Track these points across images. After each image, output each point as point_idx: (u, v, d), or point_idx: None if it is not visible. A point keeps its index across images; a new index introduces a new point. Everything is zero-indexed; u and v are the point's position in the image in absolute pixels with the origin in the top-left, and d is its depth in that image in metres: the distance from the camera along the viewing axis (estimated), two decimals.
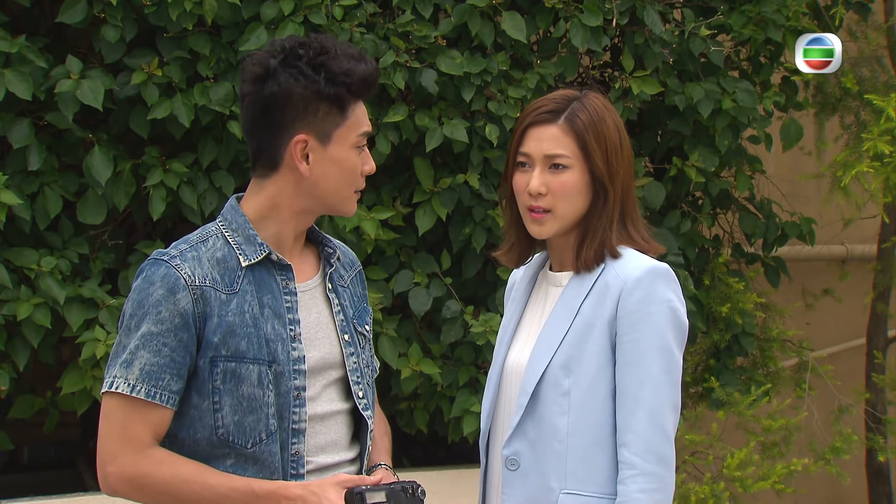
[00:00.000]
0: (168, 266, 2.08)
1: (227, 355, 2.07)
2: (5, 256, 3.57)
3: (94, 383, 3.62)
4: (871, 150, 4.51)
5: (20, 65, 3.54)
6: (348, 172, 2.15)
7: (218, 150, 3.81)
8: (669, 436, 2.18)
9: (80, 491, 3.93)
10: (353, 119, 2.14)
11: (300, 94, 2.11)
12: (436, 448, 4.60)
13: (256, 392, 2.08)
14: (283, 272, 2.16)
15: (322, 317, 2.21)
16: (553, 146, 2.25)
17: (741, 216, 4.81)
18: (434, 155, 4.12)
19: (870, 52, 5.32)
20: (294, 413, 2.12)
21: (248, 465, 2.09)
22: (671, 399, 2.19)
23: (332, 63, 2.12)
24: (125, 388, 2.05)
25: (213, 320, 2.07)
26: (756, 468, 4.49)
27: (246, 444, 2.08)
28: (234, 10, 3.75)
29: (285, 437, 2.11)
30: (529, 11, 4.20)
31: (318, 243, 2.28)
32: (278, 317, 2.13)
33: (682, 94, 4.29)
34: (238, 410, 2.08)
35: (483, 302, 4.22)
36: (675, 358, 2.20)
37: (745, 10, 4.40)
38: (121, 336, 2.10)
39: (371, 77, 2.15)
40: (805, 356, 5.15)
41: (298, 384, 2.12)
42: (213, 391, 2.08)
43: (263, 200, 2.17)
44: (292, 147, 2.12)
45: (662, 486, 2.15)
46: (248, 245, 2.13)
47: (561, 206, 2.25)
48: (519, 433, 2.24)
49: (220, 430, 2.08)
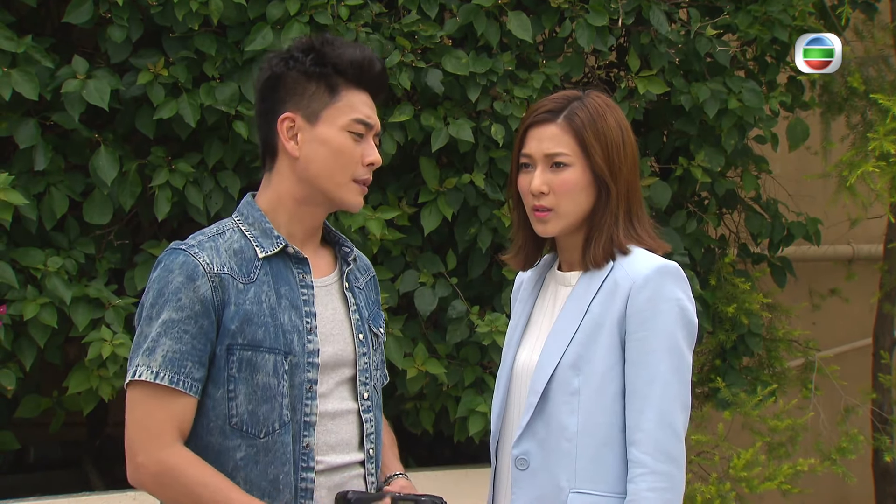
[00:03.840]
0: (186, 254, 2.08)
1: (244, 343, 2.07)
2: (12, 256, 3.57)
3: (100, 383, 3.62)
4: (877, 149, 4.50)
5: (26, 65, 3.55)
6: (338, 154, 2.13)
7: (224, 150, 3.81)
8: (679, 434, 2.17)
9: (87, 491, 3.94)
10: (346, 103, 2.14)
11: (288, 74, 2.15)
12: (441, 448, 4.60)
13: (272, 381, 2.08)
14: (300, 266, 2.17)
15: (338, 313, 2.22)
16: (552, 145, 2.25)
17: (747, 216, 4.80)
18: (440, 155, 4.12)
19: (876, 52, 5.32)
20: (306, 406, 2.12)
21: (259, 456, 2.07)
22: (681, 397, 2.19)
23: (325, 48, 2.15)
24: (148, 376, 2.04)
25: (230, 308, 2.07)
26: (762, 468, 4.48)
27: (259, 433, 2.07)
28: (240, 10, 3.75)
29: (297, 430, 2.10)
30: (535, 11, 4.20)
31: (334, 243, 2.29)
32: (295, 308, 2.13)
33: (688, 94, 4.29)
34: (252, 399, 2.07)
35: (489, 302, 4.22)
36: (684, 356, 2.20)
37: (752, 10, 4.40)
38: (141, 326, 2.09)
39: (364, 63, 2.14)
40: (811, 356, 5.14)
41: (311, 377, 2.12)
42: (229, 379, 2.07)
43: (271, 193, 2.19)
44: (279, 126, 2.14)
45: (672, 485, 2.15)
46: (265, 238, 2.14)
47: (564, 204, 2.25)
48: (528, 433, 2.24)
49: (234, 420, 2.07)
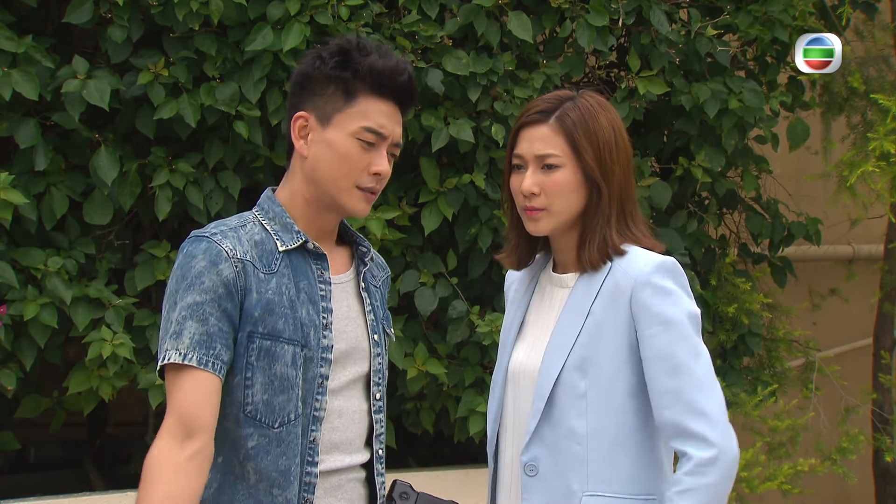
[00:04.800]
0: (209, 241, 2.08)
1: (264, 332, 2.07)
2: (12, 256, 3.57)
3: (100, 383, 3.62)
4: (877, 149, 4.50)
5: (27, 65, 3.55)
6: (343, 159, 2.12)
7: (224, 151, 3.81)
8: (713, 418, 2.15)
9: (87, 491, 3.94)
10: (359, 109, 2.13)
11: (312, 74, 2.15)
12: (442, 448, 4.60)
13: (289, 372, 2.07)
14: (319, 262, 2.17)
15: (352, 311, 2.22)
16: (543, 146, 2.25)
17: (748, 216, 4.80)
18: (440, 155, 4.12)
19: (876, 52, 5.31)
20: (317, 400, 2.12)
21: (271, 446, 2.06)
22: (706, 382, 2.17)
23: (353, 53, 2.13)
24: (177, 358, 2.02)
25: (252, 295, 2.07)
26: (762, 468, 4.48)
27: (273, 423, 2.07)
28: (241, 10, 3.75)
29: (306, 424, 2.10)
30: (535, 11, 4.19)
31: (352, 243, 2.29)
32: (313, 303, 2.13)
33: (689, 94, 4.28)
34: (269, 389, 2.06)
35: (489, 302, 4.22)
36: (698, 343, 2.19)
37: (752, 10, 4.40)
38: (167, 312, 2.08)
39: (385, 72, 2.12)
40: (811, 356, 5.14)
41: (324, 372, 2.12)
42: (247, 367, 2.06)
43: (287, 190, 2.20)
44: (292, 123, 2.15)
45: (715, 469, 2.13)
46: (286, 232, 2.15)
47: (555, 204, 2.25)
48: (536, 438, 2.23)
49: (249, 408, 2.06)
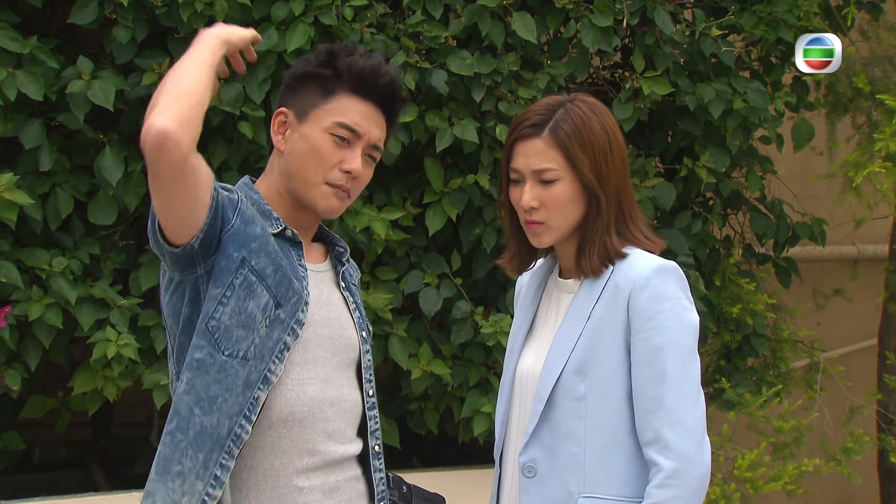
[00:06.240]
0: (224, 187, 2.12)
1: (254, 268, 2.08)
2: (17, 257, 3.58)
3: (105, 383, 3.63)
4: (882, 150, 4.50)
5: (32, 65, 3.55)
6: (313, 153, 2.14)
7: (228, 151, 3.81)
8: (691, 430, 2.14)
9: (92, 491, 3.94)
10: (336, 106, 2.15)
11: (296, 73, 2.19)
12: (446, 448, 4.60)
13: (258, 315, 2.07)
14: (296, 249, 2.18)
15: (333, 299, 2.24)
16: (539, 161, 2.24)
17: (752, 217, 4.79)
18: (444, 155, 4.12)
19: (881, 52, 5.30)
20: (273, 363, 2.10)
21: (211, 369, 2.05)
22: (691, 393, 2.17)
23: (338, 53, 2.16)
24: None
25: (256, 228, 2.09)
26: (767, 469, 4.48)
27: (224, 349, 2.06)
28: (245, 10, 3.75)
29: (255, 377, 2.08)
30: (540, 12, 4.19)
31: (328, 242, 2.31)
32: (297, 279, 2.14)
33: (693, 95, 4.28)
34: (235, 317, 2.06)
35: (493, 302, 4.22)
36: (690, 352, 2.19)
37: (757, 10, 4.39)
38: None
39: (365, 71, 2.14)
40: (816, 357, 5.13)
41: (288, 341, 2.11)
42: (230, 286, 2.06)
43: (263, 184, 2.23)
44: (273, 118, 2.19)
45: (684, 482, 2.12)
46: (265, 218, 2.16)
47: (555, 217, 2.26)
48: (535, 440, 2.24)
49: (213, 322, 2.06)
